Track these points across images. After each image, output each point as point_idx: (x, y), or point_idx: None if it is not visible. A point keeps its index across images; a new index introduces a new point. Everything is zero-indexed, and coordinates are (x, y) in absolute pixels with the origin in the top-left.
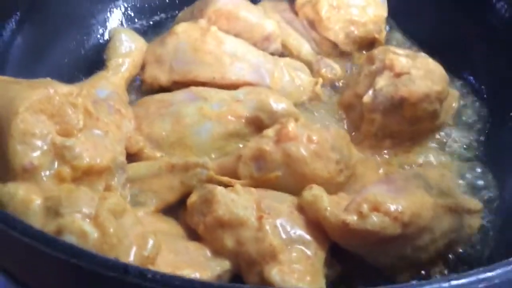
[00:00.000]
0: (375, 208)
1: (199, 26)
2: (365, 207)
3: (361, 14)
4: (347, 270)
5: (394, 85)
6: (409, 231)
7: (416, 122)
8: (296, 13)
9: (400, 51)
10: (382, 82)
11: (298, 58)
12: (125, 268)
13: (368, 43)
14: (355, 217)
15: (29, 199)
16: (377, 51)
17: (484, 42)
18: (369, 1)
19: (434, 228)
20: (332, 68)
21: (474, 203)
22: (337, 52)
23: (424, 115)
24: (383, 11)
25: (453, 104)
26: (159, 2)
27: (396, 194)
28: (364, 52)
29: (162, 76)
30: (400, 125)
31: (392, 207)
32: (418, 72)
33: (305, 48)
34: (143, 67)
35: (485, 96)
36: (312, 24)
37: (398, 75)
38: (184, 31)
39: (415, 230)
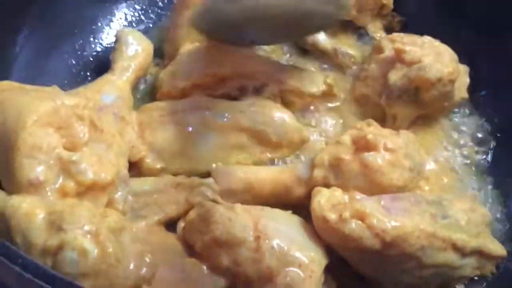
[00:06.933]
0: (361, 218)
1: (202, 42)
2: (347, 213)
3: None
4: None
5: (407, 77)
6: (391, 252)
7: (431, 105)
8: None
9: (405, 38)
10: (394, 76)
11: (315, 48)
12: None
13: (378, 11)
14: (334, 217)
15: (32, 213)
16: (385, 41)
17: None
18: None
19: (423, 258)
20: (349, 55)
21: (497, 248)
22: (351, 29)
23: (438, 97)
24: None
25: (465, 79)
26: (165, 3)
27: (390, 213)
28: (377, 22)
29: (180, 83)
30: (417, 111)
31: (378, 223)
32: (428, 58)
33: (321, 37)
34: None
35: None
36: None
37: (409, 64)
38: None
39: (398, 253)
